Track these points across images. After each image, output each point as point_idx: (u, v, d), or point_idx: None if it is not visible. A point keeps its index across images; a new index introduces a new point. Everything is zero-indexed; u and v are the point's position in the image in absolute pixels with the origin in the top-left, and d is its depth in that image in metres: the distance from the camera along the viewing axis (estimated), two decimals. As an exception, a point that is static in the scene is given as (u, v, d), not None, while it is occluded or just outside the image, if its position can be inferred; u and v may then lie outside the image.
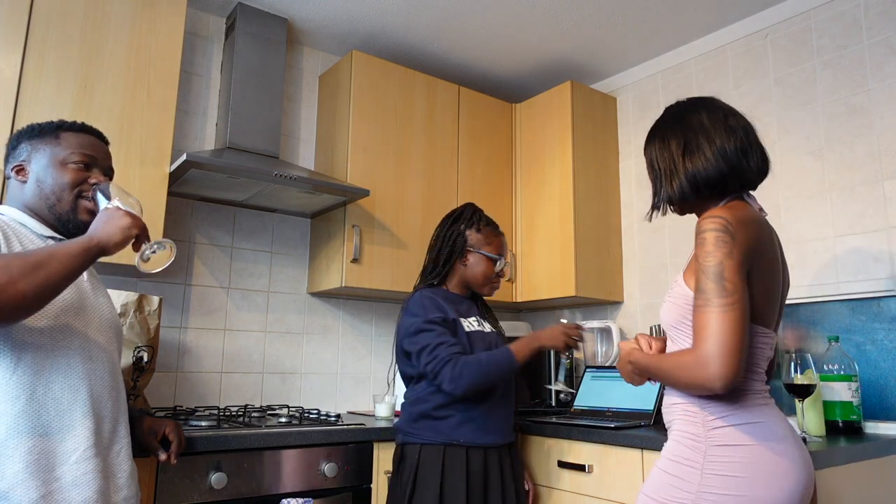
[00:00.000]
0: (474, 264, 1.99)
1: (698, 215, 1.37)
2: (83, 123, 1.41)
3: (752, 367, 1.26)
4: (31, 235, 1.30)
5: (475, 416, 1.86)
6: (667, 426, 1.36)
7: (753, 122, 1.39)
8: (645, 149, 1.44)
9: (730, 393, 1.21)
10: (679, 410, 1.32)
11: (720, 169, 1.30)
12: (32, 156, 1.34)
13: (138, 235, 1.26)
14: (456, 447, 1.83)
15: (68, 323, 1.26)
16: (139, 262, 1.29)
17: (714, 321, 1.16)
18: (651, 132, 1.43)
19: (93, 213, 1.33)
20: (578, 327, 1.92)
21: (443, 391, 1.82)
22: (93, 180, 1.35)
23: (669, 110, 1.43)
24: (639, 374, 1.40)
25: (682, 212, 1.43)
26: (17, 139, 1.37)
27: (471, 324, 1.94)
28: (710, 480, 1.20)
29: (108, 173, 1.41)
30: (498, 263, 2.00)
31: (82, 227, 1.32)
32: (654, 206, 1.41)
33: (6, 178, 1.37)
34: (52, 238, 1.33)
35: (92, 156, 1.37)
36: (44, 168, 1.33)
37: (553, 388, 1.89)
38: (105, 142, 1.44)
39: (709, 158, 1.30)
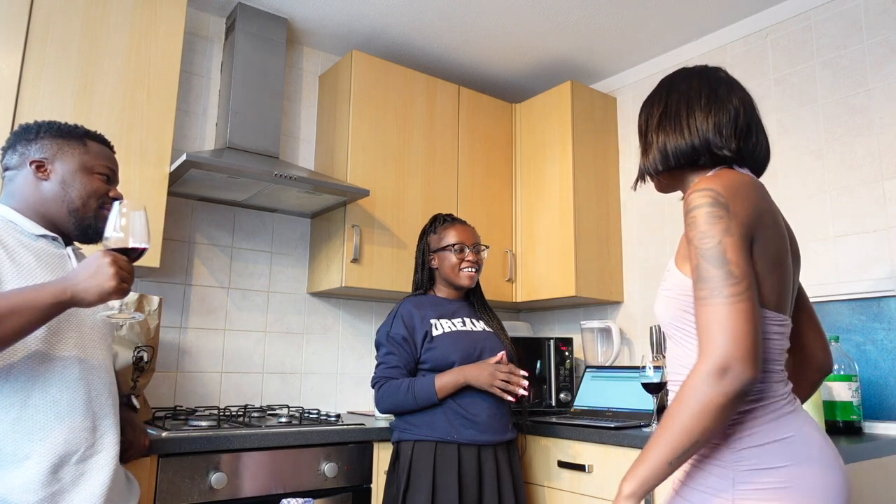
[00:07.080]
0: (442, 262, 2.05)
1: (683, 192, 1.23)
2: (102, 136, 1.45)
3: (767, 366, 1.07)
4: (21, 235, 1.30)
5: (469, 415, 1.87)
6: None
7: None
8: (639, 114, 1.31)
9: (748, 404, 1.04)
10: None
11: (691, 142, 1.15)
12: (58, 156, 1.35)
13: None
14: (448, 444, 1.85)
15: (62, 326, 1.27)
16: (104, 307, 1.26)
17: (723, 316, 0.97)
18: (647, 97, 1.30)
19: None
20: (512, 371, 1.87)
21: None
22: (112, 194, 1.41)
23: (667, 76, 1.28)
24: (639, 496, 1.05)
25: (663, 188, 1.27)
26: (36, 131, 1.36)
27: (452, 325, 1.97)
28: None
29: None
30: (456, 248, 2.02)
31: (101, 232, 1.35)
32: (638, 177, 1.26)
33: (13, 168, 1.35)
34: (45, 237, 1.34)
35: (112, 169, 1.44)
36: (72, 173, 1.36)
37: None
38: (114, 152, 1.49)
39: (681, 128, 1.16)
